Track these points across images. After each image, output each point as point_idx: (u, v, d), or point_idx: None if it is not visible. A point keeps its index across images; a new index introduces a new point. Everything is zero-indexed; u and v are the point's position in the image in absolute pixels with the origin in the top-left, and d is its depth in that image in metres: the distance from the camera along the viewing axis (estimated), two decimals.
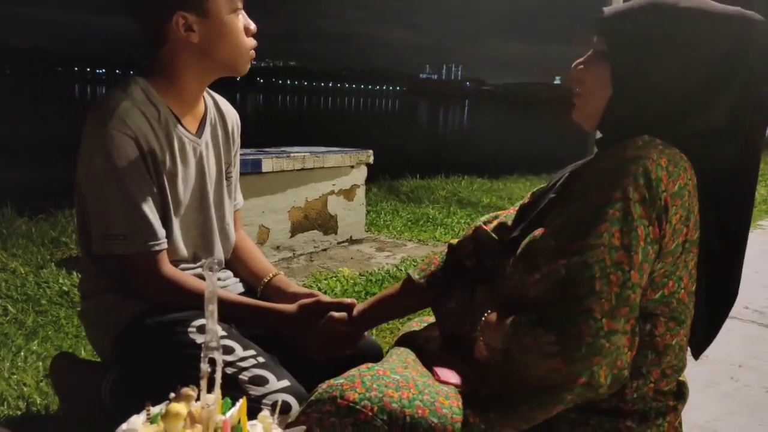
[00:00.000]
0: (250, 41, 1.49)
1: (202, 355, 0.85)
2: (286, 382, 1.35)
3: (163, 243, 1.45)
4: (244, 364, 1.35)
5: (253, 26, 1.49)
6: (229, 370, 1.32)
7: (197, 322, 1.42)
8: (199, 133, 1.55)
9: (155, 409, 0.84)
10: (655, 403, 1.08)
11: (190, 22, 1.40)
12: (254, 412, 0.89)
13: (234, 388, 1.25)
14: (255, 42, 1.50)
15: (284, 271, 3.54)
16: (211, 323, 0.85)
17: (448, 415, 1.04)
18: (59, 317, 2.60)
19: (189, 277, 1.49)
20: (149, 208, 1.42)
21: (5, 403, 1.87)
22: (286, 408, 1.27)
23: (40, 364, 2.11)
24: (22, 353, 2.20)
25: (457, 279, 1.35)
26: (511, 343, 1.01)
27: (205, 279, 0.83)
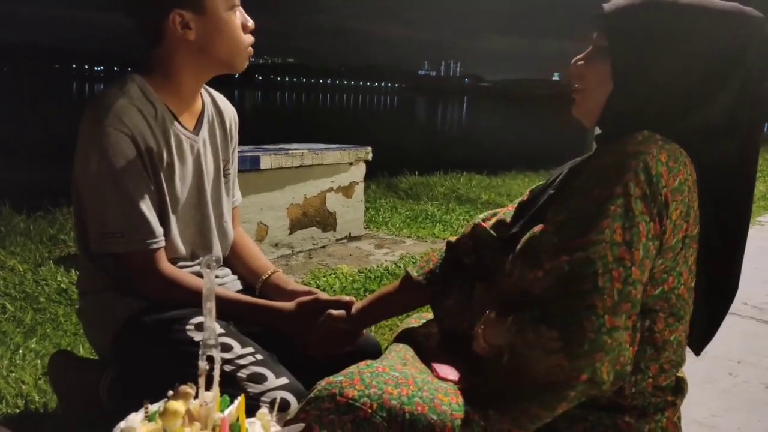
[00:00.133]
0: (248, 38, 1.48)
1: (201, 352, 0.85)
2: (284, 380, 1.35)
3: (161, 241, 1.45)
4: (242, 362, 1.35)
5: (251, 23, 1.48)
6: (228, 368, 1.32)
7: (195, 319, 1.42)
8: (197, 131, 1.54)
9: (153, 407, 0.84)
10: (653, 398, 1.08)
11: (186, 20, 1.40)
12: (253, 410, 0.89)
13: (232, 386, 1.25)
14: (252, 38, 1.49)
15: (283, 268, 3.53)
16: (209, 321, 0.85)
17: (448, 412, 1.04)
18: (58, 315, 2.60)
19: (187, 275, 1.49)
20: (146, 206, 1.41)
21: (4, 401, 1.86)
22: (284, 405, 1.27)
23: (39, 362, 2.10)
24: (21, 351, 2.20)
25: (456, 276, 1.34)
26: (515, 340, 1.01)
27: (203, 277, 0.83)
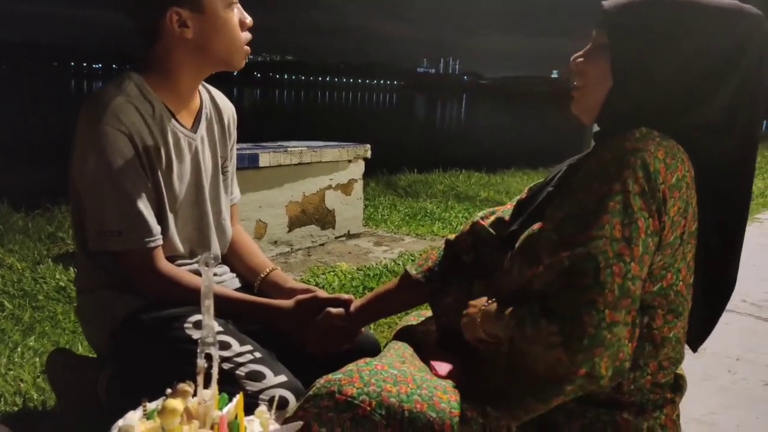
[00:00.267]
0: (246, 35, 1.47)
1: (199, 350, 0.84)
2: (283, 378, 1.34)
3: (159, 239, 1.44)
4: (240, 360, 1.35)
5: (249, 20, 1.48)
6: (226, 366, 1.31)
7: (194, 317, 1.42)
8: (195, 128, 1.54)
9: (151, 405, 0.84)
10: (652, 395, 1.08)
11: (184, 18, 1.39)
12: (251, 408, 0.89)
13: (231, 384, 1.25)
14: (250, 36, 1.49)
15: (282, 265, 3.53)
16: (208, 319, 0.85)
17: (447, 410, 1.04)
18: (56, 313, 2.60)
19: (185, 273, 1.48)
20: (144, 205, 1.41)
21: (2, 400, 1.86)
22: (283, 403, 1.27)
23: (37, 360, 2.10)
24: (19, 349, 2.20)
25: (455, 274, 1.34)
26: (515, 334, 1.01)
27: (202, 274, 0.83)
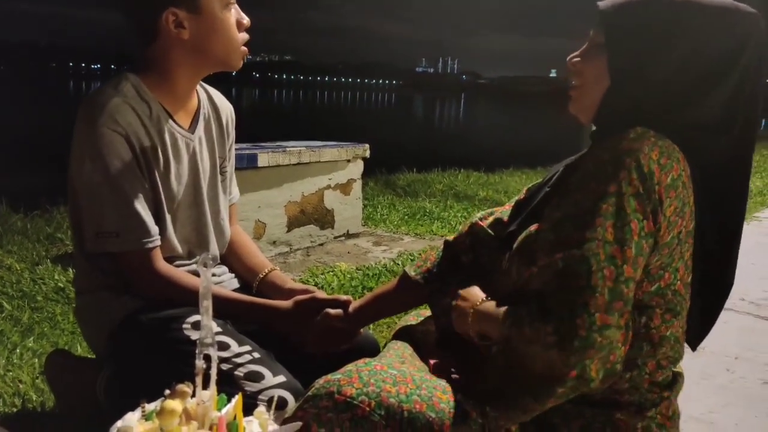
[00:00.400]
0: (243, 36, 1.47)
1: (197, 351, 0.84)
2: (282, 378, 1.34)
3: (157, 240, 1.44)
4: (239, 360, 1.35)
5: (247, 20, 1.47)
6: (225, 367, 1.31)
7: (192, 318, 1.42)
8: (192, 129, 1.54)
9: (150, 406, 0.84)
10: (649, 394, 1.08)
11: (180, 19, 1.39)
12: (250, 408, 0.89)
13: (229, 385, 1.24)
14: (248, 36, 1.48)
15: (281, 266, 3.53)
16: (206, 319, 0.85)
17: (446, 410, 1.04)
18: (55, 314, 2.59)
19: (183, 274, 1.48)
20: (141, 206, 1.41)
21: (1, 401, 1.86)
22: (282, 404, 1.27)
23: (36, 361, 2.10)
24: (18, 350, 2.19)
25: (453, 275, 1.34)
26: (512, 333, 1.01)
27: (200, 275, 0.83)
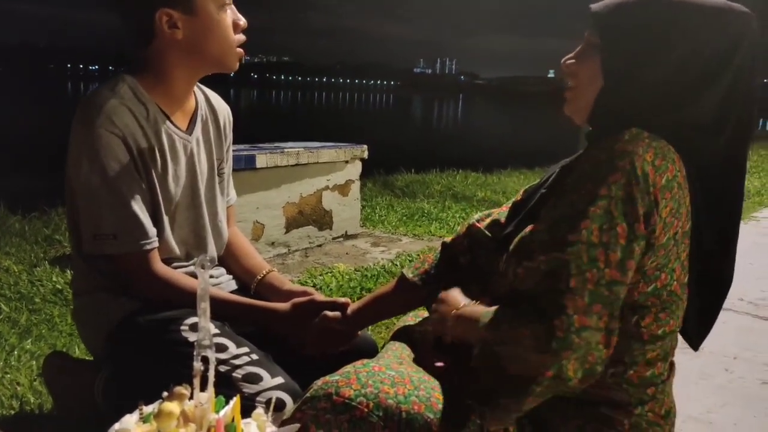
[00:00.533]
0: (239, 37, 1.47)
1: (195, 353, 0.84)
2: (280, 380, 1.34)
3: (154, 242, 1.44)
4: (237, 362, 1.35)
5: (243, 21, 1.47)
6: (223, 368, 1.31)
7: (190, 320, 1.42)
8: (190, 130, 1.54)
9: (148, 409, 0.84)
10: (639, 391, 1.08)
11: (174, 19, 1.38)
12: (248, 410, 0.89)
13: (227, 386, 1.24)
14: (244, 37, 1.48)
15: (279, 267, 3.53)
16: (204, 321, 0.84)
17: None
18: (53, 316, 2.59)
19: (181, 276, 1.48)
20: (139, 207, 1.41)
21: None
22: (280, 405, 1.27)
23: (34, 363, 2.09)
24: (16, 352, 2.19)
25: (451, 277, 1.34)
26: (488, 335, 1.01)
27: (198, 277, 0.83)
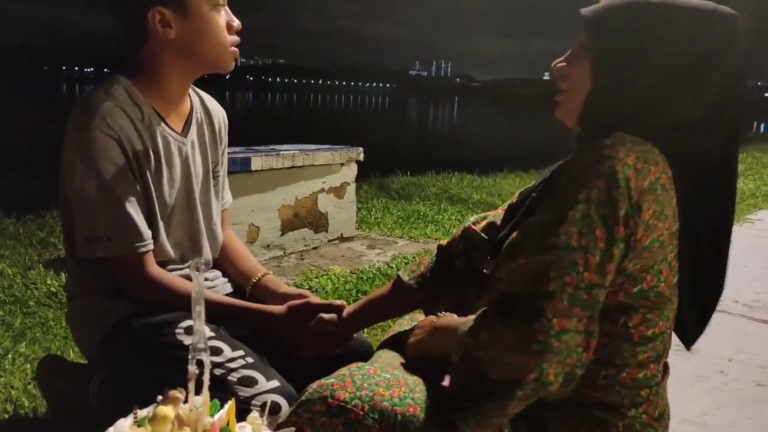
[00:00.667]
0: (233, 38, 1.47)
1: (190, 356, 0.84)
2: (275, 383, 1.34)
3: (149, 244, 1.43)
4: (232, 365, 1.34)
5: (237, 22, 1.47)
6: (218, 372, 1.31)
7: (185, 323, 1.41)
8: (185, 133, 1.53)
9: (142, 412, 0.84)
10: (632, 392, 1.08)
11: (167, 18, 1.38)
12: (243, 414, 0.89)
13: (223, 390, 1.24)
14: (238, 39, 1.48)
15: (275, 269, 3.52)
16: (199, 324, 0.84)
17: None
18: (47, 319, 2.58)
19: (176, 279, 1.48)
20: (134, 210, 1.40)
21: None
22: (275, 409, 1.26)
23: (28, 367, 2.08)
24: (10, 355, 2.18)
25: (447, 279, 1.34)
26: (468, 340, 1.01)
27: (193, 280, 0.82)
